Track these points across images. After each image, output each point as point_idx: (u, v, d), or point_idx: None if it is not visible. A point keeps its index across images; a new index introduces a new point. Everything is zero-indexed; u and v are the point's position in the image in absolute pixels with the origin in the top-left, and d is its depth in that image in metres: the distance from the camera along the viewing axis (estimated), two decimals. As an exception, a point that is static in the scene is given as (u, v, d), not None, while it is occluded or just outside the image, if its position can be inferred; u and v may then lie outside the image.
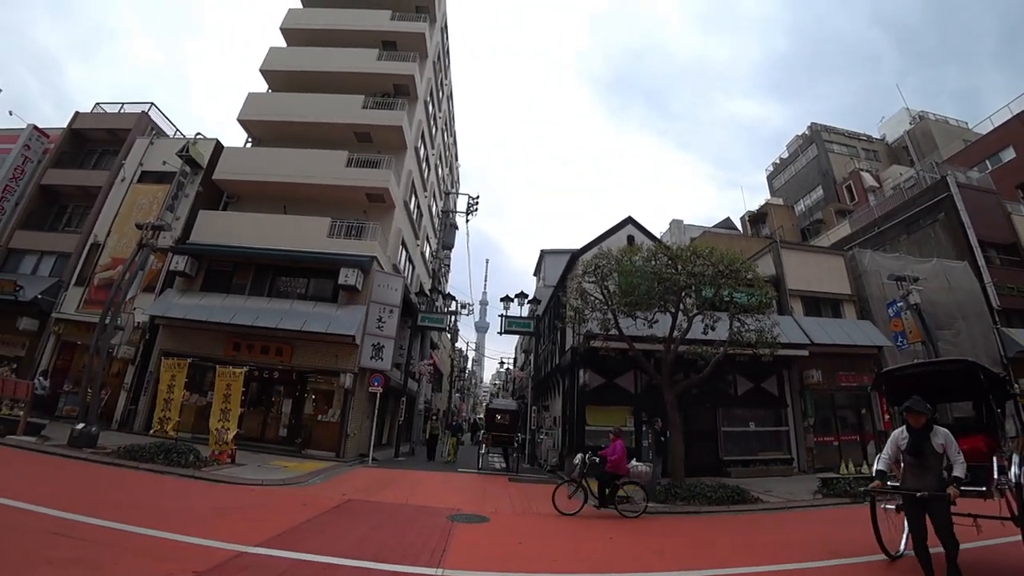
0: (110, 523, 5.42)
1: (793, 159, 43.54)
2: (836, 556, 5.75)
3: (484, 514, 8.20)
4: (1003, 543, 5.62)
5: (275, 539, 5.50)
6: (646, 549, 6.56)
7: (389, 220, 19.37)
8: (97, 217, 19.19)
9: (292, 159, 18.97)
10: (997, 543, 5.69)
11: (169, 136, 22.01)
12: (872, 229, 23.58)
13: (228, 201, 19.92)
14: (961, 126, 38.64)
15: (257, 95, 21.23)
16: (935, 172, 24.34)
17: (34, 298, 17.64)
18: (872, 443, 15.98)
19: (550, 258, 30.70)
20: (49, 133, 22.15)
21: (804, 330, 16.16)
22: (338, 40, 22.17)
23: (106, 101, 23.92)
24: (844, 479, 10.59)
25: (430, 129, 25.45)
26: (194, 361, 14.45)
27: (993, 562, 5.54)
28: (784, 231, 34.12)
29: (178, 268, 16.71)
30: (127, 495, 7.43)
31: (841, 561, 5.57)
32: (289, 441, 15.52)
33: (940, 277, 18.13)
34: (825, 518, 8.86)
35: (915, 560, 4.71)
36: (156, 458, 9.97)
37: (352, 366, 15.70)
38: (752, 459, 14.91)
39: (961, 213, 19.94)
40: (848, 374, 16.58)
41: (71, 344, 17.98)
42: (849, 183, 35.56)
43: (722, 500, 9.69)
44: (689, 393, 13.05)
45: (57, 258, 19.54)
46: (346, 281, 15.95)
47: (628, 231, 17.84)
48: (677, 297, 11.65)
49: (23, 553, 4.28)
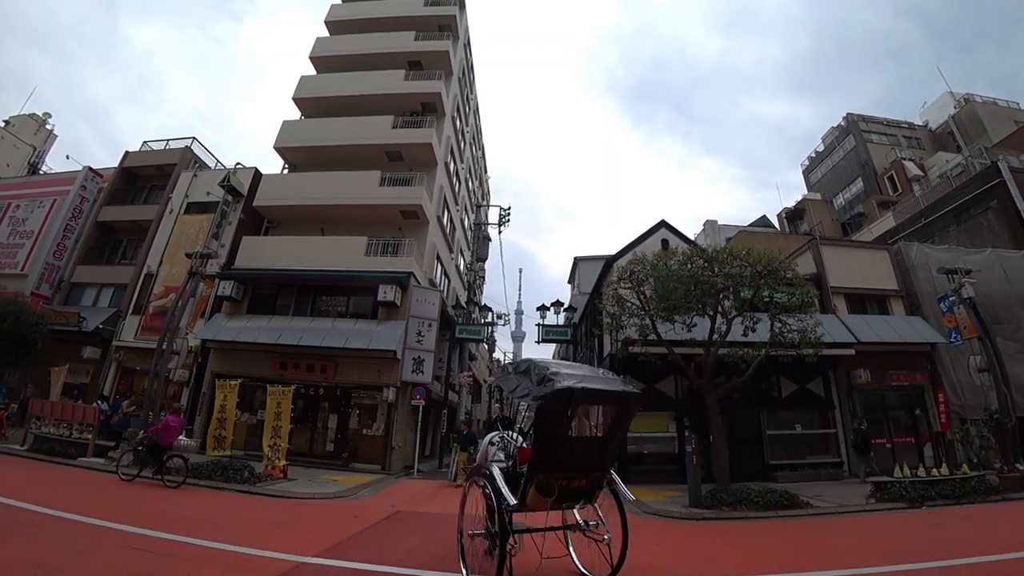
0: (178, 537, 5.77)
1: (829, 152, 42.27)
2: (892, 562, 5.57)
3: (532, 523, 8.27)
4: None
5: (331, 550, 5.75)
6: (694, 558, 6.52)
7: (423, 235, 19.82)
8: (149, 249, 20.36)
9: (327, 182, 19.69)
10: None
11: (211, 168, 23.19)
12: (918, 220, 22.61)
13: (269, 226, 20.78)
14: (1012, 107, 36.74)
15: (291, 123, 22.16)
16: (984, 157, 23.24)
17: (96, 328, 18.82)
18: (929, 444, 15.31)
19: (584, 265, 30.67)
20: (103, 173, 23.71)
21: (849, 328, 15.63)
22: (365, 64, 22.98)
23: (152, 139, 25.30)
24: (899, 483, 10.17)
25: (459, 144, 25.95)
26: (244, 381, 15.07)
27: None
28: (823, 227, 33.13)
29: (225, 293, 17.52)
30: (191, 511, 7.84)
31: (899, 567, 5.40)
32: (336, 455, 15.96)
33: (996, 268, 17.20)
34: (880, 523, 8.56)
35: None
36: (214, 475, 10.49)
37: (394, 380, 16.08)
38: (800, 463, 14.45)
39: (1016, 199, 18.91)
40: (899, 373, 15.93)
41: (131, 370, 19.04)
42: (891, 173, 34.29)
43: (770, 505, 9.45)
44: (731, 397, 12.82)
45: (115, 289, 20.83)
46: (385, 297, 16.39)
47: (662, 235, 17.72)
48: (715, 300, 11.51)
49: (109, 567, 4.63)
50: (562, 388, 4.24)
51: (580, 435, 4.64)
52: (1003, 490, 10.40)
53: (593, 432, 4.72)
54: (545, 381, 4.42)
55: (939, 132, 38.59)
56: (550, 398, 4.28)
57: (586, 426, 4.70)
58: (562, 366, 4.91)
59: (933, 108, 40.49)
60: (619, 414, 4.72)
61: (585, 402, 4.50)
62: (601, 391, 4.60)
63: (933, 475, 10.51)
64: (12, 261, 21.15)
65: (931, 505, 9.61)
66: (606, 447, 4.77)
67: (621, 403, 4.70)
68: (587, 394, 4.41)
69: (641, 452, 14.81)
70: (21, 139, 32.48)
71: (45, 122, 34.95)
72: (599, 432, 4.72)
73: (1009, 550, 5.99)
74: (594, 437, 4.72)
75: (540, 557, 4.92)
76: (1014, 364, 15.09)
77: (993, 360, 12.49)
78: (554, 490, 4.40)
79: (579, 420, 4.63)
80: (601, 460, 4.78)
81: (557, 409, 4.33)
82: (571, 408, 4.37)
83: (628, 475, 14.02)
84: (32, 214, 22.04)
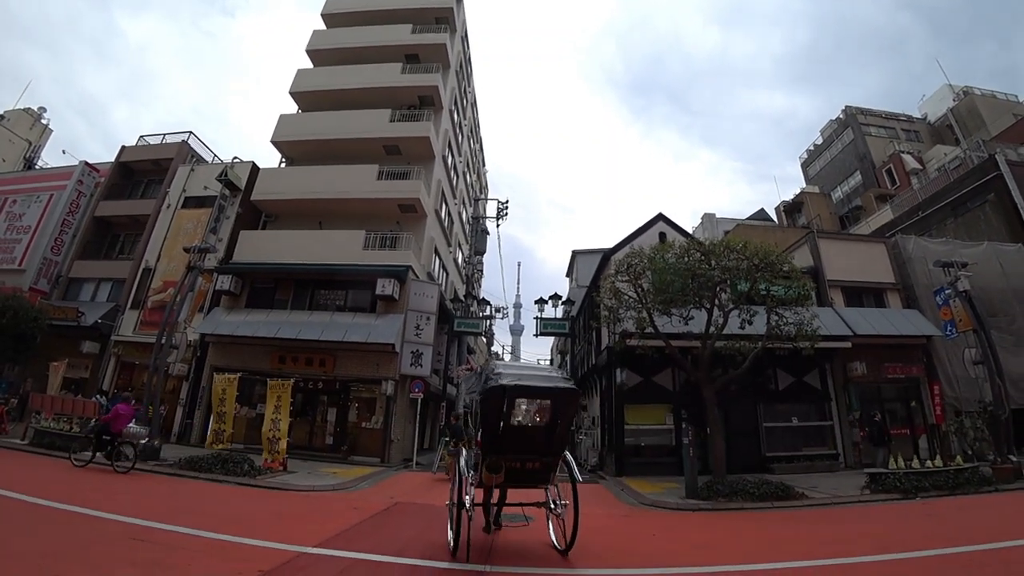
0: (180, 528, 5.84)
1: (828, 145, 42.21)
2: (886, 551, 5.64)
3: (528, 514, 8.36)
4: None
5: (331, 540, 5.81)
6: (687, 544, 6.61)
7: (421, 229, 19.83)
8: (147, 243, 20.35)
9: (325, 176, 19.67)
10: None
11: (208, 162, 23.12)
12: (916, 214, 22.68)
13: (267, 220, 20.78)
14: (1011, 100, 36.69)
15: (288, 116, 22.10)
16: (982, 151, 23.26)
17: (94, 323, 18.82)
18: (924, 437, 15.42)
19: (582, 258, 30.70)
20: (99, 168, 23.61)
21: (846, 321, 15.72)
22: (362, 57, 22.89)
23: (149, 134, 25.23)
24: (894, 474, 10.27)
25: (456, 137, 25.90)
26: (243, 375, 15.17)
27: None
28: (821, 220, 33.17)
29: (223, 287, 17.55)
30: (192, 503, 7.92)
31: (889, 557, 5.47)
32: (335, 448, 16.06)
33: (992, 261, 17.28)
34: (873, 514, 8.66)
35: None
36: (214, 468, 10.56)
37: (393, 374, 16.15)
38: (796, 455, 14.56)
39: (1013, 193, 18.97)
40: (895, 365, 16.03)
41: (130, 364, 19.08)
42: (889, 166, 34.24)
43: (765, 496, 9.54)
44: (728, 389, 12.89)
45: (113, 284, 20.83)
46: (383, 291, 16.43)
47: (659, 228, 17.75)
48: (712, 293, 11.56)
49: (110, 558, 4.69)
50: (496, 385, 5.04)
51: (522, 424, 5.32)
52: (996, 481, 10.53)
53: (536, 422, 5.37)
54: (487, 380, 5.31)
55: (938, 125, 38.56)
56: (487, 393, 5.15)
57: (528, 417, 5.36)
58: (510, 367, 5.99)
59: (932, 101, 40.43)
60: (556, 407, 5.32)
61: (520, 396, 5.18)
62: (534, 387, 5.29)
63: (927, 467, 10.60)
64: (9, 256, 21.11)
65: (925, 496, 9.70)
66: (551, 435, 5.40)
67: (557, 398, 5.30)
68: (521, 390, 5.12)
69: (639, 444, 14.92)
70: (16, 134, 32.32)
71: (40, 117, 34.77)
72: (541, 422, 5.36)
73: (998, 539, 6.08)
74: (537, 426, 5.37)
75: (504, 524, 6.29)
76: (1009, 357, 15.21)
77: (988, 353, 12.56)
78: (500, 467, 5.21)
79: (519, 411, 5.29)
80: (549, 446, 5.47)
81: (494, 402, 5.11)
82: (505, 402, 5.05)
83: (626, 467, 14.23)
84: (29, 209, 21.97)
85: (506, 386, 5.03)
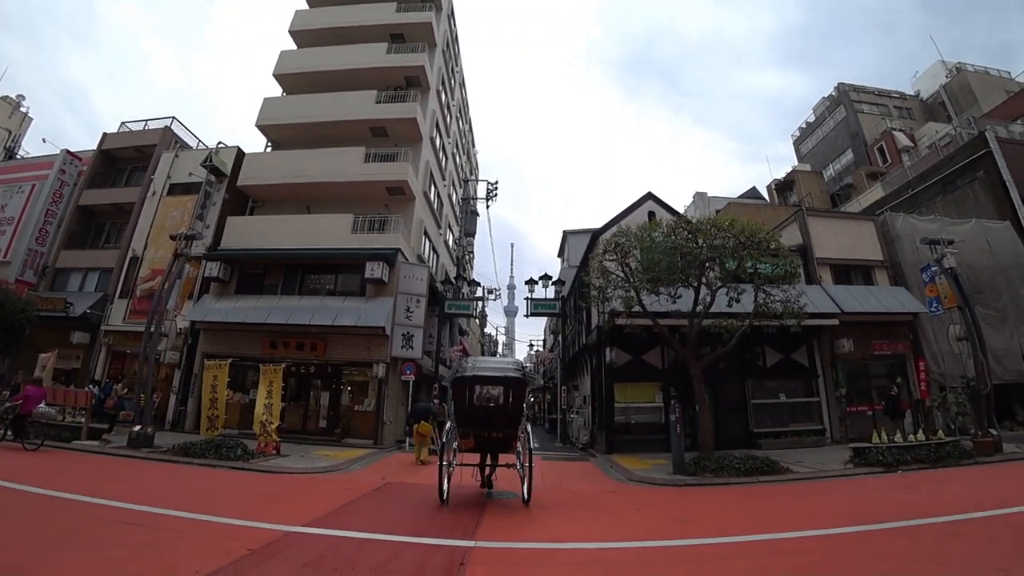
0: (173, 512, 5.90)
1: (820, 122, 42.06)
2: (863, 523, 5.77)
3: (516, 491, 8.49)
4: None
5: (320, 520, 5.90)
6: (671, 519, 6.76)
7: (410, 211, 19.73)
8: (133, 232, 20.14)
9: (311, 159, 19.47)
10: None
11: (193, 148, 22.77)
12: (906, 191, 22.75)
13: (254, 206, 20.59)
14: (1003, 76, 36.55)
15: (272, 99, 21.77)
16: (973, 128, 23.27)
17: (83, 313, 18.72)
18: (909, 411, 15.67)
19: (573, 238, 30.73)
20: (81, 156, 23.18)
21: (833, 299, 15.88)
22: (346, 37, 22.49)
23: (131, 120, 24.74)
24: (877, 448, 10.49)
25: (444, 118, 25.63)
26: (234, 361, 15.17)
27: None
28: (812, 198, 33.27)
29: (212, 274, 17.46)
30: (185, 488, 7.99)
31: (863, 528, 5.59)
32: (329, 432, 16.19)
33: (979, 238, 17.41)
34: (855, 487, 8.85)
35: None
36: (208, 454, 10.64)
37: (384, 356, 16.22)
38: (783, 431, 14.81)
39: (1002, 170, 19.00)
40: (882, 342, 16.27)
41: (121, 353, 19.03)
42: (881, 144, 34.21)
43: (751, 471, 9.74)
44: (716, 366, 13.06)
45: (100, 274, 20.65)
46: (372, 274, 16.41)
47: (648, 207, 17.74)
48: (699, 271, 11.62)
49: (97, 540, 4.75)
50: (460, 376, 7.03)
51: (482, 403, 7.01)
52: (976, 454, 10.78)
53: (495, 402, 7.03)
54: (457, 371, 7.21)
55: (930, 102, 38.43)
56: (455, 381, 7.16)
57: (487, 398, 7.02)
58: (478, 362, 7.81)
59: (925, 78, 40.20)
60: (508, 390, 7.05)
61: (478, 383, 7.03)
62: (488, 376, 7.13)
63: (910, 441, 10.83)
64: (-6, 247, 20.85)
65: (906, 469, 9.91)
66: (506, 412, 7.10)
67: (507, 383, 7.07)
68: (478, 379, 7.05)
69: (628, 422, 15.14)
70: (-5, 122, 31.62)
71: (19, 104, 33.96)
72: (499, 402, 7.03)
73: (972, 510, 6.22)
74: (496, 405, 7.03)
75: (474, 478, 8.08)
76: (992, 333, 15.46)
77: (972, 329, 12.72)
78: (469, 435, 7.33)
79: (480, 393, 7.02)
80: (506, 420, 7.22)
81: (459, 388, 7.07)
82: (466, 387, 6.98)
83: (616, 445, 14.45)
84: (11, 200, 21.62)
85: (465, 376, 6.99)
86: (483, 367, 7.43)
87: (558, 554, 4.95)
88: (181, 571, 3.97)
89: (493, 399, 7.15)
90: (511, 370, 7.42)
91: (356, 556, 4.58)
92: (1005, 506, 6.38)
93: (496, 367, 7.63)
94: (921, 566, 4.34)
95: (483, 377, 7.14)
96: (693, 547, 5.17)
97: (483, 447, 7.72)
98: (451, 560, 4.51)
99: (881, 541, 5.14)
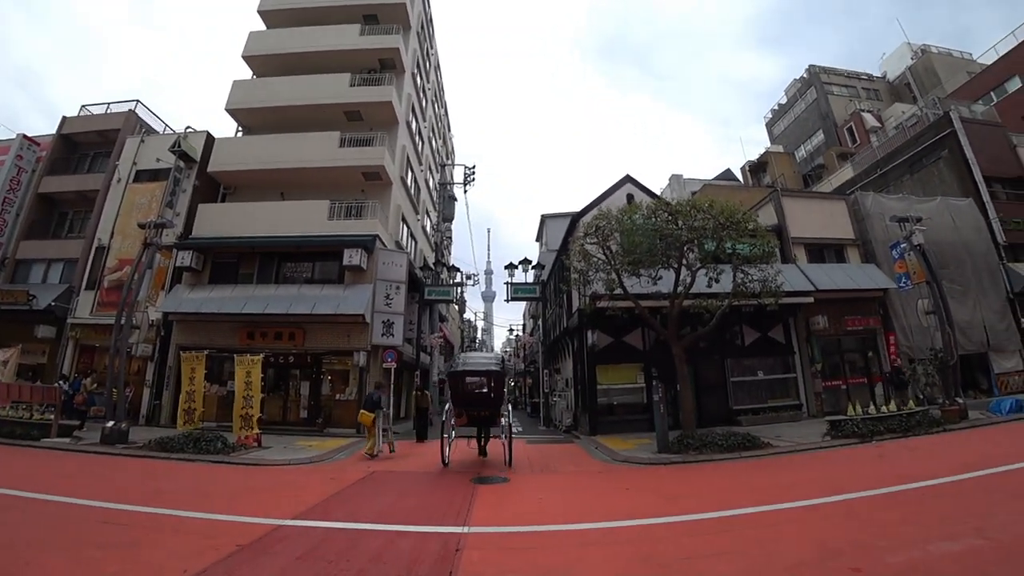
0: (153, 509, 5.75)
1: (792, 104, 42.60)
2: (839, 492, 5.95)
3: (505, 475, 8.54)
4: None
5: (308, 512, 5.82)
6: (659, 496, 6.87)
7: (387, 197, 19.38)
8: (98, 220, 19.29)
9: (284, 145, 18.90)
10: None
11: (160, 133, 21.86)
12: (875, 171, 23.27)
13: (226, 192, 19.95)
14: (965, 58, 37.47)
15: (242, 82, 21.01)
16: (938, 108, 23.83)
17: (48, 306, 17.91)
18: (880, 384, 16.24)
19: (551, 222, 30.64)
20: (40, 141, 22.03)
21: (808, 277, 16.22)
22: (318, 18, 21.79)
23: (92, 103, 23.58)
24: (852, 420, 10.83)
25: (420, 101, 25.15)
26: (211, 353, 14.81)
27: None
28: (785, 179, 33.79)
29: (184, 263, 16.92)
30: (164, 483, 7.79)
31: (842, 497, 5.78)
32: (310, 422, 15.98)
33: (944, 215, 17.99)
34: (832, 458, 9.14)
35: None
36: (186, 448, 10.38)
37: (364, 344, 16.02)
38: (762, 407, 15.18)
39: (965, 149, 19.58)
40: (854, 318, 16.73)
41: (90, 347, 18.34)
42: (850, 125, 34.86)
43: (733, 447, 9.95)
44: (697, 346, 13.24)
45: (64, 264, 19.75)
46: (350, 261, 16.13)
47: (627, 190, 17.74)
48: (679, 252, 11.70)
49: (75, 541, 4.59)
50: (455, 370, 9.91)
51: (472, 390, 9.77)
52: (945, 422, 11.24)
53: (480, 390, 9.74)
54: (452, 366, 10.25)
55: (896, 84, 39.22)
56: (449, 374, 10.16)
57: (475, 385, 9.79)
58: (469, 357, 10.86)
59: (892, 59, 40.94)
60: (490, 380, 9.71)
61: (467, 375, 9.80)
62: (474, 369, 9.89)
63: (883, 412, 11.21)
64: (-53, 238, 19.81)
65: (880, 439, 10.29)
66: (490, 396, 9.70)
67: (489, 375, 9.70)
68: (467, 372, 9.83)
69: (611, 403, 15.30)
70: (-57, 105, 29.91)
71: (-31, 86, 32.20)
72: (484, 389, 9.73)
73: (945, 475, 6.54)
74: (482, 392, 9.72)
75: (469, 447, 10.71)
76: (957, 306, 16.02)
77: (939, 303, 13.18)
78: (463, 414, 9.89)
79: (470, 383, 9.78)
80: (491, 402, 9.75)
81: (453, 379, 9.89)
82: (459, 378, 9.76)
83: (599, 426, 14.62)
84: (-36, 187, 20.53)
85: (456, 370, 9.92)
86: (471, 362, 10.12)
87: (551, 536, 4.98)
88: (167, 570, 3.87)
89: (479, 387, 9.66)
90: (492, 364, 9.91)
91: (349, 547, 4.53)
92: (975, 469, 6.67)
93: (481, 362, 10.21)
94: (908, 529, 4.51)
95: (471, 371, 9.80)
96: (685, 523, 5.26)
97: (474, 423, 9.97)
98: (446, 547, 4.50)
99: (866, 508, 5.32)
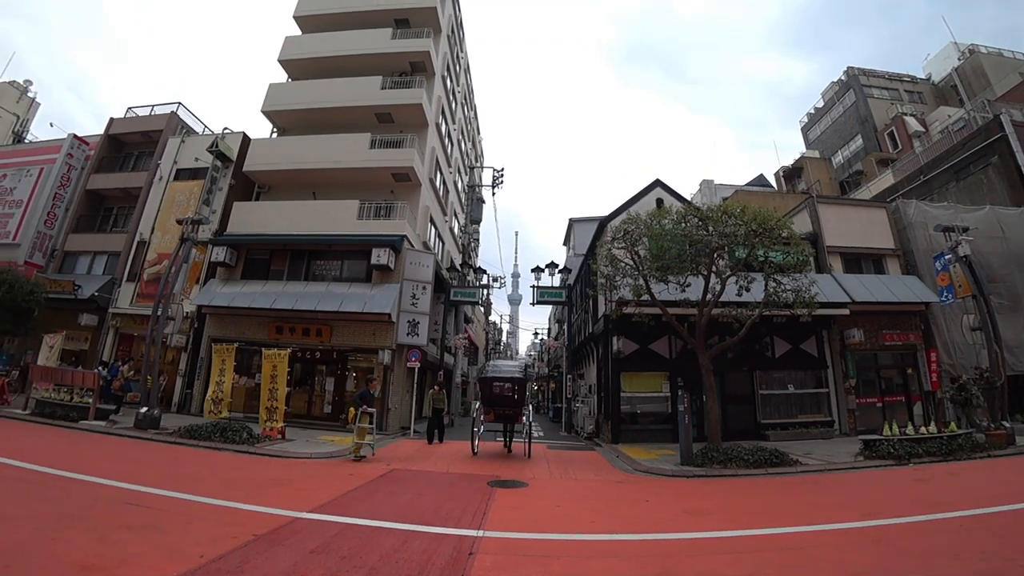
0: (178, 494, 5.90)
1: (829, 108, 41.23)
2: (871, 518, 5.64)
3: (523, 479, 8.47)
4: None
5: (325, 506, 5.87)
6: (680, 510, 6.68)
7: (416, 198, 19.57)
8: (140, 216, 20.12)
9: (317, 145, 19.30)
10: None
11: (199, 134, 22.63)
12: (917, 178, 22.30)
13: (260, 191, 20.49)
14: (1017, 58, 35.59)
15: (278, 85, 21.55)
16: (987, 111, 22.73)
17: (91, 296, 18.78)
18: (919, 403, 15.51)
19: (579, 227, 30.46)
20: (88, 141, 23.15)
21: (844, 288, 15.63)
22: (351, 22, 22.18)
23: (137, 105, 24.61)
24: (887, 440, 10.33)
25: (450, 104, 25.33)
26: (240, 345, 15.21)
27: None
28: (821, 185, 32.75)
29: (218, 259, 17.42)
30: (190, 470, 7.99)
31: (874, 523, 5.48)
32: (333, 417, 16.22)
33: (993, 226, 17.04)
34: (865, 480, 8.72)
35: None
36: (213, 436, 10.67)
37: (389, 343, 16.19)
38: (791, 422, 14.64)
39: (1017, 155, 18.52)
40: (893, 332, 16.02)
41: (128, 336, 19.10)
42: (891, 129, 33.50)
43: (760, 463, 9.61)
44: (725, 356, 12.91)
45: (108, 257, 20.72)
46: (378, 261, 16.33)
47: (657, 194, 17.47)
48: (709, 259, 11.42)
49: (100, 520, 4.72)
50: (485, 376, 12.37)
51: (500, 393, 11.83)
52: (989, 447, 10.58)
53: (507, 392, 11.82)
54: (483, 371, 13.24)
55: (942, 85, 37.53)
56: (481, 378, 13.06)
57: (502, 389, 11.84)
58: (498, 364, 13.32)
59: (936, 60, 39.16)
60: (515, 385, 11.87)
61: (496, 380, 11.90)
62: (501, 376, 12.01)
63: (921, 433, 10.67)
64: (3, 231, 20.88)
65: (918, 462, 9.75)
66: (514, 398, 11.83)
67: (514, 380, 11.92)
68: (496, 378, 11.96)
69: (635, 412, 15.04)
70: (3, 108, 31.56)
71: (27, 90, 33.82)
72: (509, 393, 11.81)
73: (985, 505, 6.10)
74: (508, 395, 11.82)
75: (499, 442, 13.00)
76: (1005, 323, 15.17)
77: (986, 319, 12.49)
78: (491, 412, 12.06)
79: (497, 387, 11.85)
80: (515, 403, 11.88)
81: (484, 383, 12.22)
82: (488, 382, 11.97)
83: (622, 434, 14.42)
84: (20, 183, 21.63)
85: (486, 376, 12.26)
86: (499, 370, 12.40)
87: (567, 545, 4.88)
88: (185, 554, 3.94)
89: (506, 390, 11.79)
90: (516, 371, 12.27)
91: (363, 544, 4.53)
92: (1021, 500, 6.27)
93: (507, 369, 12.48)
94: (941, 561, 4.24)
95: (499, 377, 11.99)
96: (705, 540, 5.08)
97: (500, 420, 12.19)
98: (459, 550, 4.45)
99: (897, 536, 5.03)
